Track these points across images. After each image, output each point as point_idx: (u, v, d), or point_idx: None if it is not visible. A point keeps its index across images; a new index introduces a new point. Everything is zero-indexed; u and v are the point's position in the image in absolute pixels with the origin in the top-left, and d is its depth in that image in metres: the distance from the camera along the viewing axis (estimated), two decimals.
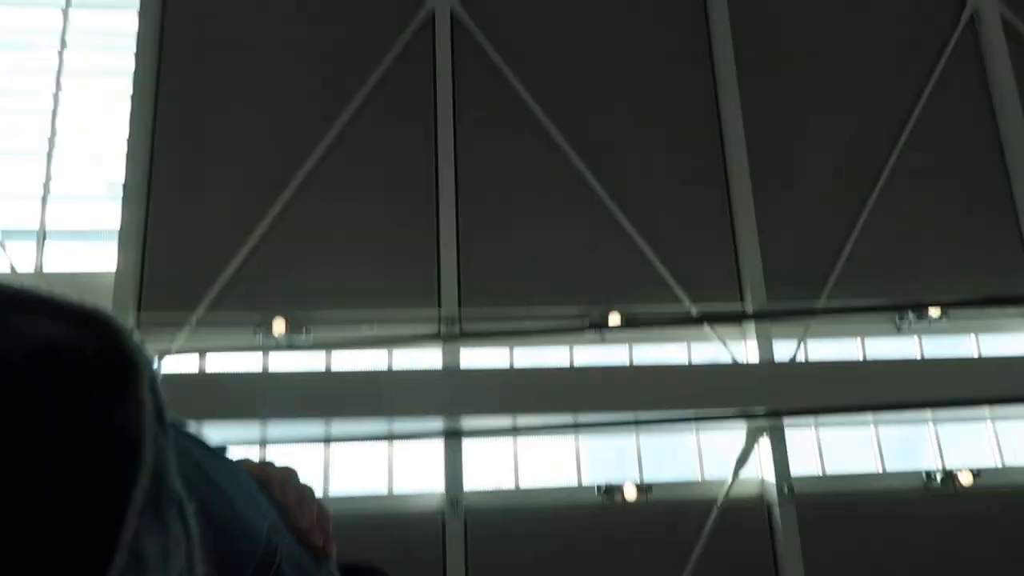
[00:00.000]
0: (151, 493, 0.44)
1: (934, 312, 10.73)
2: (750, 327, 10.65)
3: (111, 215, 11.04)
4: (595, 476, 10.07)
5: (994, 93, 11.91)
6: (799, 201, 11.32)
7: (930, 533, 9.99)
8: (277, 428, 9.27)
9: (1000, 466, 10.56)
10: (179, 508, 0.49)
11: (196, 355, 10.39)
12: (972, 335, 11.21)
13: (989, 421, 10.75)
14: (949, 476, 10.10)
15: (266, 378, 9.65)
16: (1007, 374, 9.70)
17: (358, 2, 11.75)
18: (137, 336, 0.47)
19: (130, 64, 11.43)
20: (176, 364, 10.15)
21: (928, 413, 10.27)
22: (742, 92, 11.56)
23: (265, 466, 0.91)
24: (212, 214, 10.82)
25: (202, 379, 9.67)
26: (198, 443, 0.77)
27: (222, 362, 10.51)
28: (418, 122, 11.27)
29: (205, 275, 10.47)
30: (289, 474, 0.94)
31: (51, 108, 11.77)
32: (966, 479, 10.03)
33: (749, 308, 10.65)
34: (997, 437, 10.77)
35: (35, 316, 0.43)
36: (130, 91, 11.26)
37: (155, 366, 0.46)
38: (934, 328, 10.97)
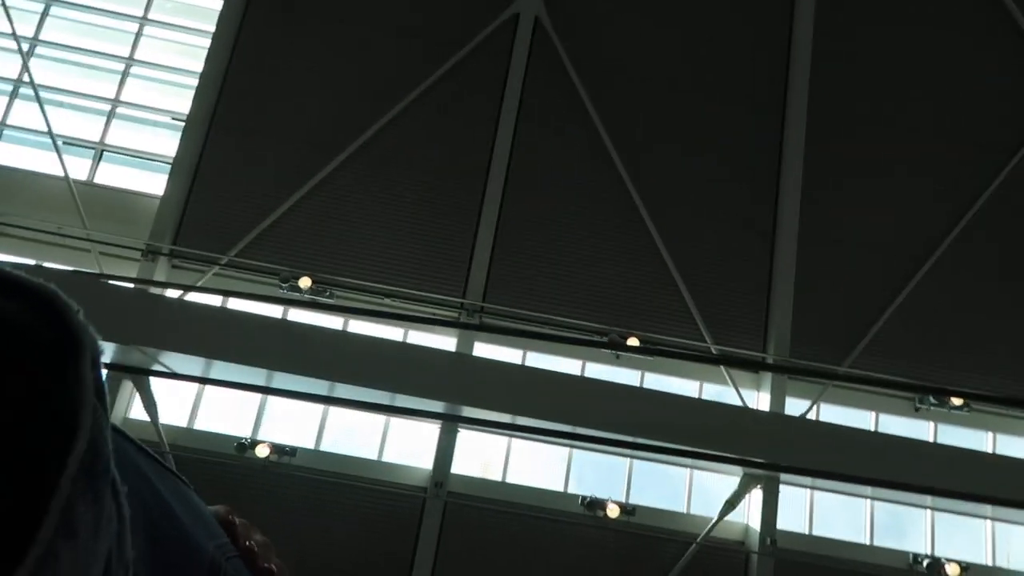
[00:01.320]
0: (86, 463, 0.44)
1: (956, 401, 10.51)
2: (766, 378, 10.55)
3: (169, 145, 11.37)
4: (581, 487, 10.05)
5: None
6: (841, 266, 11.21)
7: None
8: (284, 379, 9.39)
9: (991, 565, 10.31)
10: (113, 486, 0.49)
11: (219, 297, 10.59)
12: (989, 432, 10.97)
13: (988, 520, 10.49)
14: (936, 563, 9.88)
15: (282, 327, 9.78)
16: (1017, 475, 9.45)
17: None
18: (82, 314, 0.48)
19: (218, 5, 11.79)
20: (200, 299, 10.35)
21: (928, 499, 10.06)
22: (807, 151, 11.49)
23: (232, 517, 0.91)
24: (264, 163, 11.07)
25: (224, 317, 9.83)
26: (152, 459, 0.77)
27: (243, 307, 10.69)
28: (481, 115, 11.42)
29: (245, 220, 10.71)
30: (249, 526, 0.93)
31: (135, 32, 12.18)
32: (953, 571, 9.80)
33: (769, 358, 10.55)
34: (993, 536, 10.51)
35: None
36: (213, 30, 11.60)
37: (99, 345, 0.48)
38: (952, 417, 10.76)
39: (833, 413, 10.77)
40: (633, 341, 10.42)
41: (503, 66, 11.62)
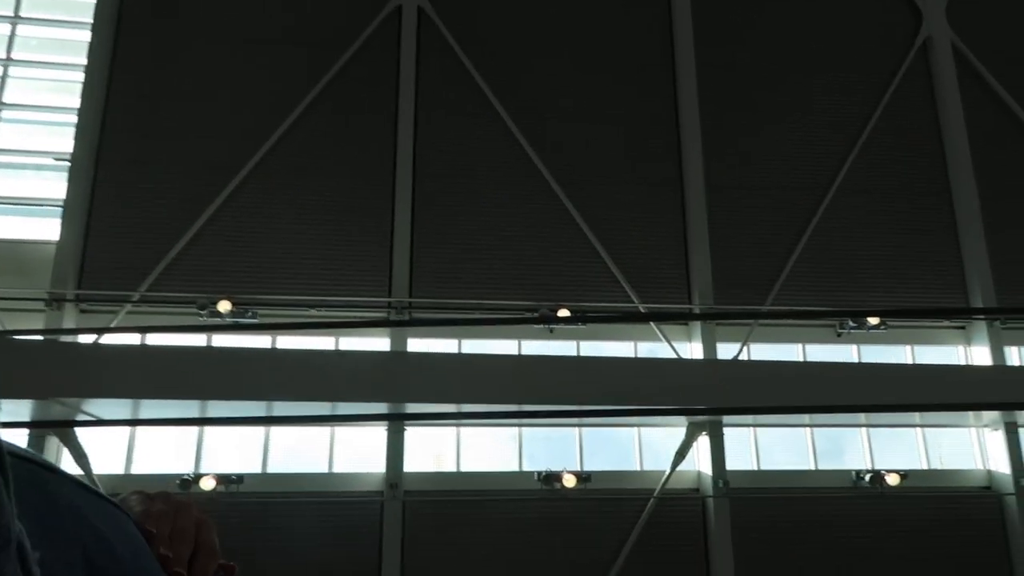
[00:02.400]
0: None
1: (873, 321, 11.02)
2: (696, 327, 10.83)
3: (57, 188, 10.84)
4: (535, 463, 10.15)
5: (942, 116, 12.33)
6: (751, 209, 11.57)
7: (857, 529, 10.28)
8: (219, 407, 9.14)
9: (927, 468, 10.91)
10: (21, 553, 0.47)
11: (138, 334, 10.21)
12: (908, 346, 11.56)
13: (919, 428, 11.09)
14: (877, 476, 10.39)
15: (207, 355, 9.51)
16: (939, 382, 10.00)
17: None
18: None
19: (86, 37, 11.26)
20: (116, 340, 9.96)
21: (862, 417, 10.55)
22: (702, 101, 11.80)
23: (154, 499, 0.89)
24: (162, 193, 10.68)
25: (143, 355, 9.48)
26: (92, 494, 0.75)
27: (164, 341, 10.33)
28: (377, 112, 11.28)
29: (151, 253, 10.34)
30: (174, 508, 0.91)
31: (0, 76, 11.53)
32: (893, 480, 10.33)
33: (696, 308, 10.84)
34: (925, 441, 11.12)
35: None
36: (85, 64, 11.09)
37: None
38: (872, 337, 11.28)
39: (763, 351, 11.16)
40: (564, 313, 10.54)
41: (393, 60, 11.51)
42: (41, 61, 11.79)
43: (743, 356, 10.76)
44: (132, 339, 10.22)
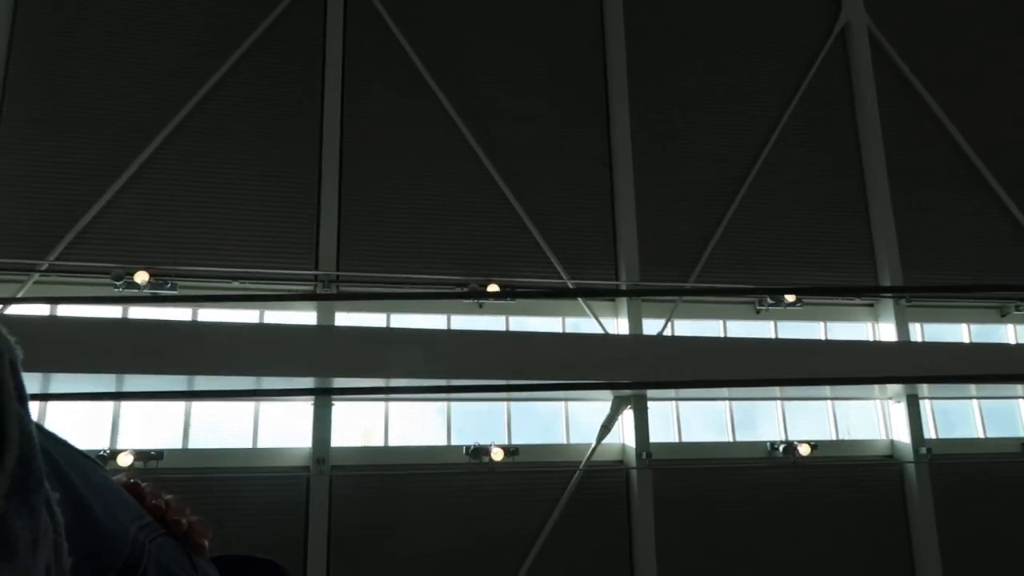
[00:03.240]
0: (18, 477, 0.43)
1: (789, 298, 11.46)
2: (622, 304, 11.05)
3: None
4: (464, 438, 10.22)
5: (857, 101, 12.81)
6: (676, 187, 11.81)
7: (771, 496, 10.80)
8: (136, 381, 8.83)
9: (835, 439, 11.51)
10: (47, 497, 0.48)
11: (47, 305, 9.73)
12: (822, 322, 12.08)
13: (829, 401, 11.66)
14: (790, 447, 10.91)
15: (122, 327, 9.15)
16: (849, 357, 10.52)
17: None
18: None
19: None
20: (23, 311, 9.47)
21: (777, 391, 11.01)
22: (630, 76, 11.91)
23: (136, 481, 0.89)
24: (73, 156, 10.14)
25: (53, 325, 9.05)
26: (62, 444, 0.75)
27: (76, 312, 9.88)
28: (302, 80, 10.97)
29: (62, 219, 9.83)
30: (158, 487, 0.92)
31: None
32: (805, 450, 10.87)
33: (623, 285, 11.04)
34: (835, 414, 11.71)
35: None
36: None
37: (15, 348, 0.47)
38: (789, 313, 11.75)
39: (686, 327, 11.48)
40: (493, 287, 10.57)
41: (319, 25, 11.18)
42: None
43: (667, 332, 11.04)
44: (41, 310, 9.74)
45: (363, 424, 10.11)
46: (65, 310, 9.67)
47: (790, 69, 12.70)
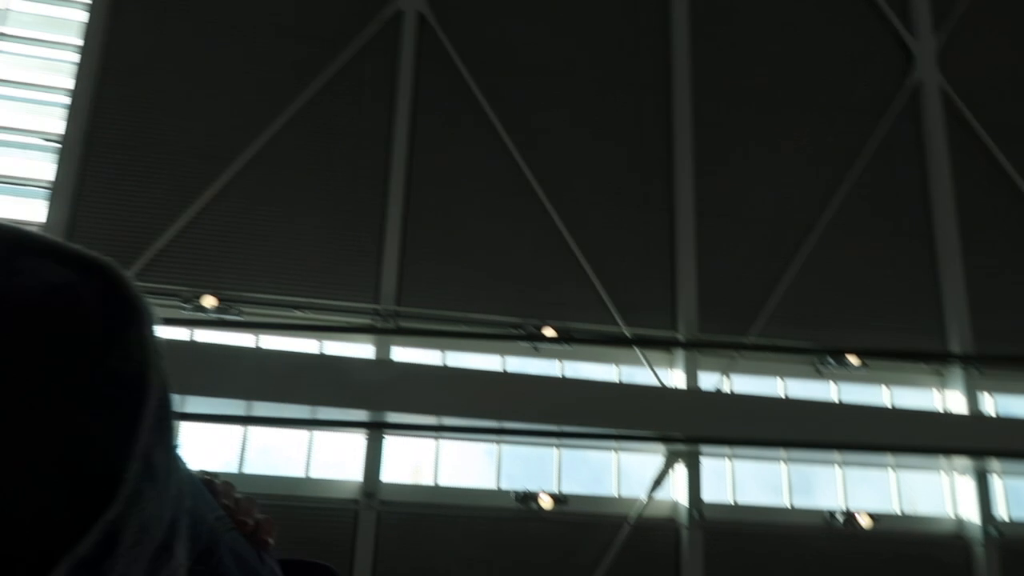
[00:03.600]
0: (158, 414, 0.50)
1: (853, 360, 11.15)
2: (679, 355, 10.88)
3: (45, 168, 10.63)
4: (513, 482, 10.11)
5: (929, 160, 12.53)
6: (740, 239, 11.66)
7: (828, 569, 10.35)
8: (198, 402, 9.01)
9: (898, 513, 11.03)
10: (176, 442, 0.55)
11: None
12: (886, 386, 11.70)
13: (892, 469, 11.22)
14: (850, 517, 10.48)
15: (187, 349, 9.37)
16: (914, 426, 10.15)
17: None
18: (135, 284, 0.52)
19: (81, 17, 11.07)
20: None
21: (837, 455, 10.66)
22: (695, 125, 11.88)
23: (210, 478, 0.95)
24: (152, 181, 10.53)
25: None
26: None
27: None
28: (375, 116, 11.23)
29: (137, 241, 10.17)
30: (229, 485, 0.99)
31: None
32: (865, 522, 10.43)
33: (680, 336, 10.89)
34: (898, 485, 11.24)
35: (49, 261, 0.50)
36: (78, 44, 10.90)
37: (153, 312, 0.52)
38: (852, 375, 11.40)
39: (744, 382, 11.24)
40: (549, 331, 10.54)
41: (392, 63, 11.46)
42: (33, 38, 11.56)
43: (724, 386, 10.82)
44: None
45: (414, 461, 10.10)
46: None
47: (861, 124, 12.50)
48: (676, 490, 10.39)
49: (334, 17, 11.53)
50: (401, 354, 10.35)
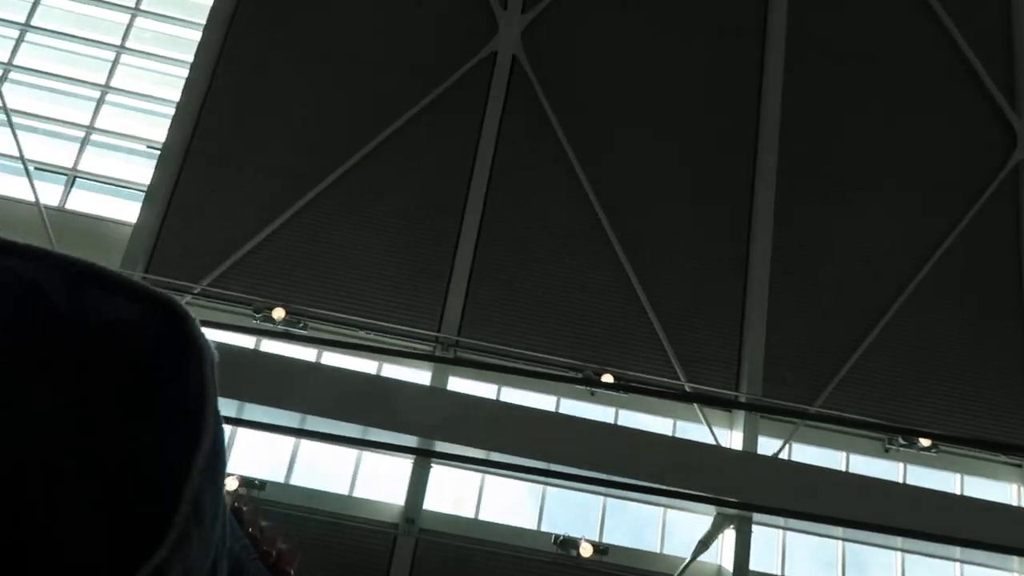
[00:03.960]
0: (210, 457, 0.50)
1: (924, 442, 10.62)
2: (739, 416, 10.58)
3: (143, 173, 11.25)
4: (555, 525, 9.94)
5: None
6: (813, 305, 11.35)
7: None
8: (254, 410, 9.23)
9: None
10: (224, 478, 0.55)
11: None
12: (958, 474, 11.07)
13: (958, 562, 10.54)
14: None
15: (253, 358, 9.65)
16: (987, 519, 9.54)
17: (428, 26, 12.11)
18: (198, 323, 0.53)
19: (197, 36, 11.78)
20: None
21: (899, 540, 10.09)
22: (778, 190, 11.70)
23: (239, 506, 0.97)
24: (240, 193, 11.01)
25: None
26: None
27: (213, 337, 10.49)
28: (459, 149, 11.49)
29: (219, 249, 10.61)
30: (258, 512, 1.02)
31: (112, 60, 12.11)
32: None
33: (742, 396, 10.60)
34: None
35: (119, 296, 0.51)
36: (191, 61, 11.59)
37: (215, 351, 0.53)
38: (922, 458, 10.85)
39: (805, 452, 10.81)
40: (607, 378, 10.42)
41: (481, 102, 11.73)
42: (151, 53, 12.35)
43: (785, 453, 10.44)
44: None
45: (457, 492, 10.06)
46: (205, 333, 10.30)
47: (954, 199, 12.06)
48: (723, 554, 10.02)
49: (430, 53, 11.93)
50: (457, 384, 10.40)
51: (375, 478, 9.97)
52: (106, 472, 0.46)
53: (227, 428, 9.71)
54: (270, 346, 10.43)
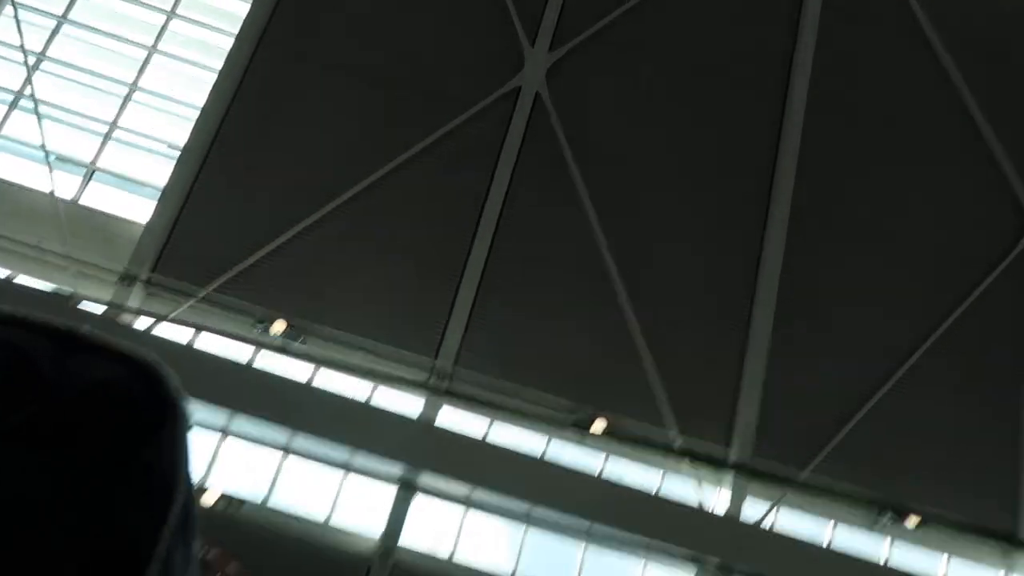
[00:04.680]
0: (181, 517, 0.52)
1: (912, 520, 10.50)
2: (728, 476, 10.50)
3: (161, 173, 11.36)
4: (532, 570, 9.84)
5: None
6: (811, 370, 11.29)
7: None
8: (243, 422, 9.23)
9: None
10: (196, 537, 0.56)
11: (190, 329, 10.44)
12: (944, 554, 10.94)
13: None
14: None
15: (246, 369, 9.66)
16: None
17: (455, 54, 12.23)
18: (178, 384, 0.55)
19: (228, 44, 11.93)
20: (168, 332, 10.20)
21: None
22: (787, 252, 11.66)
23: (209, 560, 1.01)
24: (254, 202, 11.09)
25: (187, 353, 9.70)
26: None
27: (212, 343, 10.53)
28: (474, 179, 11.54)
29: (227, 256, 10.65)
30: (227, 558, 1.04)
31: (142, 59, 12.26)
32: None
33: (733, 456, 10.53)
34: None
35: (100, 357, 0.53)
36: (219, 68, 11.72)
37: (190, 412, 0.55)
38: (908, 535, 10.73)
39: (792, 518, 10.70)
40: (600, 423, 10.38)
41: (500, 135, 11.80)
42: (182, 57, 12.50)
43: (771, 517, 10.34)
44: (184, 332, 10.45)
45: (436, 528, 9.95)
46: (204, 338, 10.35)
47: (961, 276, 11.98)
48: None
49: (456, 82, 12.02)
50: (449, 415, 10.36)
51: (356, 503, 9.89)
52: (84, 533, 0.47)
53: (213, 440, 9.71)
54: (266, 359, 10.43)
